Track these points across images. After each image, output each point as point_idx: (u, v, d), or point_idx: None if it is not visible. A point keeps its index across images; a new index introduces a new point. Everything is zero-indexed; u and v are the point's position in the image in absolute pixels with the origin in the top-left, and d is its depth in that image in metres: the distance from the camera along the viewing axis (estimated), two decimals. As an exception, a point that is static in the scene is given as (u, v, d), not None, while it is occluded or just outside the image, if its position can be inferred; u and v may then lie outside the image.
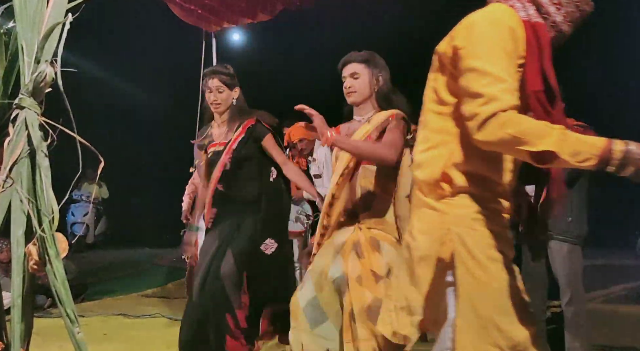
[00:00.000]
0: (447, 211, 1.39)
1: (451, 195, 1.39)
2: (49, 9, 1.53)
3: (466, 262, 1.34)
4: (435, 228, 1.39)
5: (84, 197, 8.98)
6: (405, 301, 1.42)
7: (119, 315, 4.54)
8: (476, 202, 1.39)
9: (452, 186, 1.39)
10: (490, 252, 1.36)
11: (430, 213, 1.41)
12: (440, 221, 1.39)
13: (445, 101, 1.43)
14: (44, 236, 1.43)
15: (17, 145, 1.47)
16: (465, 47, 1.35)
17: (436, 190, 1.41)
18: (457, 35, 1.39)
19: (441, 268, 1.37)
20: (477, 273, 1.34)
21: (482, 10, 1.41)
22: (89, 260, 7.65)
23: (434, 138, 1.45)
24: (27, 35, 1.49)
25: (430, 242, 1.39)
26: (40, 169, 1.47)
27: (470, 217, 1.37)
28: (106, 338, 3.77)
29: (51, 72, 1.48)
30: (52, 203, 1.45)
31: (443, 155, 1.41)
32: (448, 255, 1.36)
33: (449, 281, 1.37)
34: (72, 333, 1.43)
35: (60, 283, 1.44)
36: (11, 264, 1.46)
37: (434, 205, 1.41)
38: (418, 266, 1.40)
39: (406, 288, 1.43)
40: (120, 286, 5.97)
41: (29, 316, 1.50)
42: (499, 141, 1.26)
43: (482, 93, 1.28)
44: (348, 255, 2.17)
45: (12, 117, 1.51)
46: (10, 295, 1.47)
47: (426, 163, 1.44)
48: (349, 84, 2.27)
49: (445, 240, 1.36)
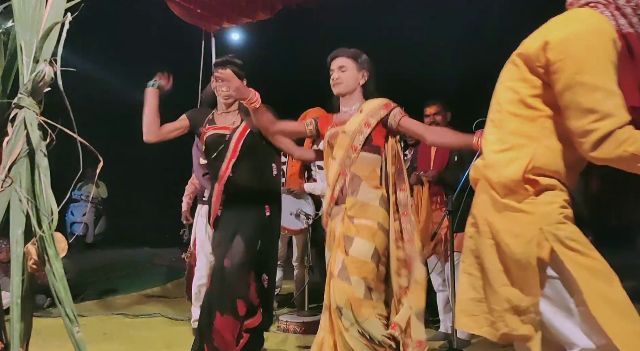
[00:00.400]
0: (533, 210, 1.38)
1: (534, 195, 1.40)
2: (48, 9, 1.52)
3: (570, 256, 1.34)
4: (526, 229, 1.38)
5: (83, 196, 8.98)
6: (508, 303, 1.41)
7: (118, 315, 4.54)
8: (558, 197, 1.40)
9: (535, 187, 1.39)
10: (583, 240, 1.38)
11: (515, 215, 1.41)
12: (529, 222, 1.38)
13: (531, 106, 1.42)
14: (43, 236, 1.43)
15: (16, 144, 1.47)
16: (566, 59, 1.32)
17: (518, 191, 1.41)
18: (553, 44, 1.35)
19: (542, 267, 1.38)
20: (584, 262, 1.34)
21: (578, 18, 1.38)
22: (89, 259, 7.64)
23: (511, 140, 1.44)
24: (26, 35, 1.49)
25: (525, 244, 1.38)
26: (39, 169, 1.47)
27: (556, 212, 1.38)
28: (106, 338, 3.77)
29: (50, 71, 1.48)
30: (51, 203, 1.45)
31: (521, 158, 1.40)
32: (547, 254, 1.36)
33: (550, 277, 1.38)
34: (72, 332, 1.43)
35: (60, 282, 1.44)
36: (10, 264, 1.46)
37: (518, 207, 1.40)
38: (519, 270, 1.39)
39: (502, 290, 1.42)
40: (120, 285, 5.97)
41: (29, 315, 1.50)
42: (617, 158, 1.27)
43: (596, 109, 1.27)
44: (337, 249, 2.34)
45: (11, 116, 1.51)
46: (9, 295, 1.47)
47: (501, 165, 1.44)
48: (336, 76, 2.46)
49: (540, 240, 1.36)
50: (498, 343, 3.64)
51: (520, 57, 1.45)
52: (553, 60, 1.35)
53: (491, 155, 1.48)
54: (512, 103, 1.45)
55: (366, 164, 2.39)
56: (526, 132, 1.42)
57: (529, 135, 1.41)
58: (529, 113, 1.42)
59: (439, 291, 3.79)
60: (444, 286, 3.72)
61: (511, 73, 1.48)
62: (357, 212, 2.35)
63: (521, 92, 1.43)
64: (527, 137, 1.41)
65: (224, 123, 2.79)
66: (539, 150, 1.39)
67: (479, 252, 1.50)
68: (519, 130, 1.43)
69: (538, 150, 1.39)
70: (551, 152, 1.38)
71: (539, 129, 1.41)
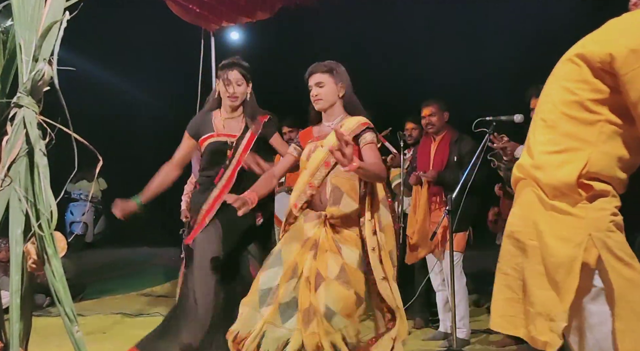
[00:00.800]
0: (585, 215, 1.37)
1: (587, 200, 1.38)
2: (47, 8, 1.52)
3: (614, 265, 1.34)
4: (575, 234, 1.37)
5: (82, 195, 8.97)
6: (543, 307, 1.40)
7: (117, 314, 4.54)
8: (610, 204, 1.40)
9: (589, 192, 1.38)
10: (629, 251, 1.37)
11: (564, 218, 1.39)
12: (578, 226, 1.37)
13: (591, 109, 1.39)
14: (43, 235, 1.43)
15: (15, 143, 1.47)
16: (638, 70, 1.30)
17: (570, 195, 1.39)
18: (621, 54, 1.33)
19: (586, 273, 1.36)
20: (627, 274, 1.33)
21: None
22: (88, 259, 7.63)
23: (564, 142, 1.42)
24: (25, 34, 1.49)
25: (571, 248, 1.36)
26: (38, 168, 1.47)
27: (607, 220, 1.37)
28: (105, 337, 3.77)
29: (49, 70, 1.48)
30: (50, 202, 1.45)
31: (576, 161, 1.38)
32: (593, 260, 1.35)
33: (596, 285, 1.37)
34: (71, 332, 1.43)
35: (59, 282, 1.44)
36: (10, 263, 1.46)
37: (568, 210, 1.39)
38: (557, 273, 1.38)
39: (538, 293, 1.41)
40: (119, 285, 5.97)
41: (28, 315, 1.50)
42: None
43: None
44: (306, 251, 2.32)
45: (10, 115, 1.50)
46: (9, 294, 1.47)
47: (552, 167, 1.42)
48: (315, 92, 2.46)
49: (588, 245, 1.35)
50: (497, 344, 3.66)
51: (581, 58, 1.41)
52: (623, 72, 1.32)
53: (542, 156, 1.45)
54: (569, 104, 1.42)
55: (345, 177, 2.38)
56: (582, 136, 1.39)
57: (585, 139, 1.39)
58: (587, 116, 1.39)
59: (439, 291, 3.79)
60: (443, 285, 3.72)
61: (569, 73, 1.44)
62: (339, 222, 2.36)
63: (580, 94, 1.40)
64: (583, 140, 1.39)
65: (229, 130, 2.72)
66: (596, 155, 1.37)
67: (520, 252, 1.47)
68: (574, 133, 1.41)
69: (594, 155, 1.37)
70: (608, 157, 1.37)
71: (597, 134, 1.38)
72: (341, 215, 2.36)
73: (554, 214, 1.41)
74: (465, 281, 3.69)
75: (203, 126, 2.76)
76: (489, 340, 3.76)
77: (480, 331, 3.94)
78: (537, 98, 3.12)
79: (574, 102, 1.41)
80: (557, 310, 1.37)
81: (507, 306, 1.50)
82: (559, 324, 1.37)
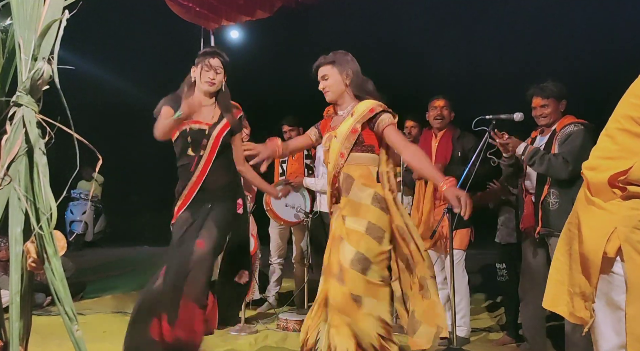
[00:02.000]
0: (616, 212, 1.54)
1: (622, 199, 1.55)
2: (46, 7, 1.52)
3: (633, 257, 1.50)
4: (603, 226, 1.55)
5: (82, 195, 8.97)
6: (579, 288, 1.61)
7: (117, 313, 4.53)
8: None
9: (624, 192, 1.54)
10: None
11: (599, 212, 1.58)
12: (608, 220, 1.55)
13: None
14: (42, 234, 1.42)
15: (14, 142, 1.47)
16: None
17: (607, 194, 1.57)
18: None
19: (607, 261, 1.54)
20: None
21: None
22: (88, 258, 7.64)
23: (614, 150, 1.59)
24: (24, 33, 1.49)
25: (597, 237, 1.55)
26: (38, 167, 1.47)
27: (636, 219, 1.52)
28: (105, 336, 3.76)
29: (48, 69, 1.48)
30: (50, 201, 1.45)
31: (620, 167, 1.55)
32: (613, 250, 1.52)
33: (616, 272, 1.54)
34: (71, 331, 1.43)
35: (59, 281, 1.44)
36: (9, 262, 1.46)
37: (603, 206, 1.57)
38: (587, 259, 1.58)
39: (577, 276, 1.63)
40: (119, 284, 5.96)
41: (28, 314, 1.50)
42: None
43: None
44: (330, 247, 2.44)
45: (9, 114, 1.50)
46: (8, 293, 1.47)
47: (600, 168, 1.60)
48: (322, 86, 2.53)
49: (612, 237, 1.52)
50: (497, 342, 3.66)
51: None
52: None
53: (594, 159, 1.66)
54: (627, 118, 1.58)
55: (359, 163, 2.43)
56: (631, 147, 1.56)
57: (633, 150, 1.55)
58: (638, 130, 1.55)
59: (439, 289, 3.78)
60: (444, 284, 3.72)
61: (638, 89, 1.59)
62: (349, 211, 2.41)
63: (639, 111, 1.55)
64: (631, 151, 1.55)
65: (203, 118, 2.73)
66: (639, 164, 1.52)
67: (568, 240, 1.69)
68: (626, 144, 1.57)
69: (638, 164, 1.52)
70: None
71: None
72: (351, 203, 2.41)
73: (591, 208, 1.60)
74: (468, 279, 3.69)
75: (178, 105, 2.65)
76: (488, 339, 3.77)
77: (480, 329, 3.95)
78: (538, 97, 3.18)
79: (631, 117, 1.56)
80: (588, 291, 1.58)
81: (554, 288, 1.71)
82: (590, 303, 1.58)
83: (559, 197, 2.97)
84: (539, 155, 2.97)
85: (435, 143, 3.80)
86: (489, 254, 4.55)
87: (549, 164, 2.92)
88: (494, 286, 4.20)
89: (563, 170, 2.89)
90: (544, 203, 3.02)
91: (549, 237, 3.01)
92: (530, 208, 3.14)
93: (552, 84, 3.14)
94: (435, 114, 3.78)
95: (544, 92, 3.12)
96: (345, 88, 2.51)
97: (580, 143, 2.89)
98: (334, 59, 2.51)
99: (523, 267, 3.31)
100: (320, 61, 2.54)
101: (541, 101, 3.13)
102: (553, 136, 3.08)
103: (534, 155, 2.99)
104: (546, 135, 3.16)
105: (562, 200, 2.95)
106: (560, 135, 3.03)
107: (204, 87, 2.73)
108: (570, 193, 2.87)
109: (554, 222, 2.95)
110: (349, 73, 2.49)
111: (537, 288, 3.03)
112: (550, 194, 3.00)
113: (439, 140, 3.79)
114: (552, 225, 2.96)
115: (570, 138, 2.97)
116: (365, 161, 2.44)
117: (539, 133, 3.25)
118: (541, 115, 3.14)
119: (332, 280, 2.36)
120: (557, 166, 2.90)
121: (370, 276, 2.33)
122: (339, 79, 2.49)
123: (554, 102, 3.11)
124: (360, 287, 2.30)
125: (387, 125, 2.40)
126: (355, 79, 2.50)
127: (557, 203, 2.97)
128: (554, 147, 3.03)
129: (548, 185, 3.01)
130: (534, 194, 3.13)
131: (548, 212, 2.99)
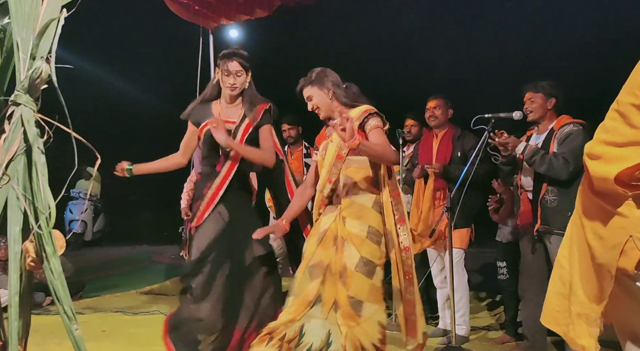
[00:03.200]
0: (627, 214, 1.25)
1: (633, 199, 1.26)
2: (44, 6, 1.51)
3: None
4: (613, 233, 1.26)
5: (81, 194, 8.97)
6: (582, 308, 1.33)
7: (117, 312, 4.53)
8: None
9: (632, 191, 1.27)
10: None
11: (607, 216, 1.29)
12: (619, 225, 1.25)
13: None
14: (41, 233, 1.42)
15: (13, 142, 1.46)
16: None
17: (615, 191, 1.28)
18: None
19: (622, 277, 1.26)
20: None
21: None
22: (87, 257, 7.65)
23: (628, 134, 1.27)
24: (22, 32, 1.48)
25: (608, 249, 1.26)
26: (37, 166, 1.47)
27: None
28: (104, 335, 3.77)
29: (47, 68, 1.47)
30: (48, 200, 1.45)
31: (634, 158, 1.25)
32: (632, 265, 1.23)
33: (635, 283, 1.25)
34: (70, 330, 1.43)
35: (58, 280, 1.43)
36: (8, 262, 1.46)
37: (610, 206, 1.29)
38: (592, 275, 1.30)
39: (579, 294, 1.34)
40: (119, 283, 5.97)
41: (27, 313, 1.50)
42: None
43: None
44: (329, 245, 2.40)
45: (8, 113, 1.50)
46: (7, 293, 1.47)
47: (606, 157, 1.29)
48: (310, 106, 2.57)
49: (626, 248, 1.23)
50: (496, 341, 3.67)
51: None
52: None
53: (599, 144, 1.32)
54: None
55: (358, 167, 2.44)
56: None
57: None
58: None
59: (439, 288, 3.79)
60: (444, 283, 3.72)
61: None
62: (351, 213, 2.41)
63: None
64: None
65: (228, 117, 2.75)
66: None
67: (573, 242, 1.38)
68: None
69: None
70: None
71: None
72: (355, 205, 2.41)
73: (596, 208, 1.30)
74: (467, 278, 3.70)
75: (202, 113, 2.78)
76: (488, 337, 3.77)
77: (480, 328, 3.95)
78: (529, 92, 3.19)
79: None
80: (594, 313, 1.31)
81: (555, 301, 1.44)
82: (595, 329, 1.31)
83: (557, 194, 2.97)
84: (540, 155, 2.97)
85: (436, 143, 3.81)
86: (489, 252, 4.56)
87: (549, 164, 2.92)
88: (493, 284, 4.20)
89: (564, 171, 2.89)
90: (543, 200, 3.02)
91: (549, 234, 3.01)
92: (527, 205, 3.14)
93: (546, 82, 3.16)
94: (428, 115, 3.83)
95: (535, 87, 3.17)
96: (332, 102, 2.53)
97: (580, 143, 2.89)
98: (312, 79, 2.55)
99: (522, 265, 3.31)
100: (301, 84, 2.59)
101: (529, 95, 3.17)
102: (551, 135, 3.08)
103: (534, 154, 2.99)
104: (542, 134, 3.16)
105: (561, 197, 2.95)
106: (559, 134, 3.03)
107: (226, 91, 2.74)
108: (569, 191, 2.87)
109: (553, 220, 2.95)
110: (329, 87, 2.52)
111: (535, 284, 3.03)
112: (549, 191, 3.00)
113: (440, 140, 3.81)
114: (551, 223, 2.96)
115: (570, 137, 2.97)
116: (362, 164, 2.45)
117: (535, 131, 3.26)
118: (527, 109, 3.16)
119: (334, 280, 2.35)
120: (557, 166, 2.90)
121: (375, 280, 2.34)
122: (323, 96, 2.53)
123: (542, 98, 3.13)
124: (364, 291, 2.31)
125: (373, 127, 2.42)
126: (336, 90, 2.53)
127: (555, 201, 2.97)
128: (552, 146, 3.03)
129: (547, 183, 3.01)
130: (532, 191, 3.13)
131: (547, 210, 2.99)
